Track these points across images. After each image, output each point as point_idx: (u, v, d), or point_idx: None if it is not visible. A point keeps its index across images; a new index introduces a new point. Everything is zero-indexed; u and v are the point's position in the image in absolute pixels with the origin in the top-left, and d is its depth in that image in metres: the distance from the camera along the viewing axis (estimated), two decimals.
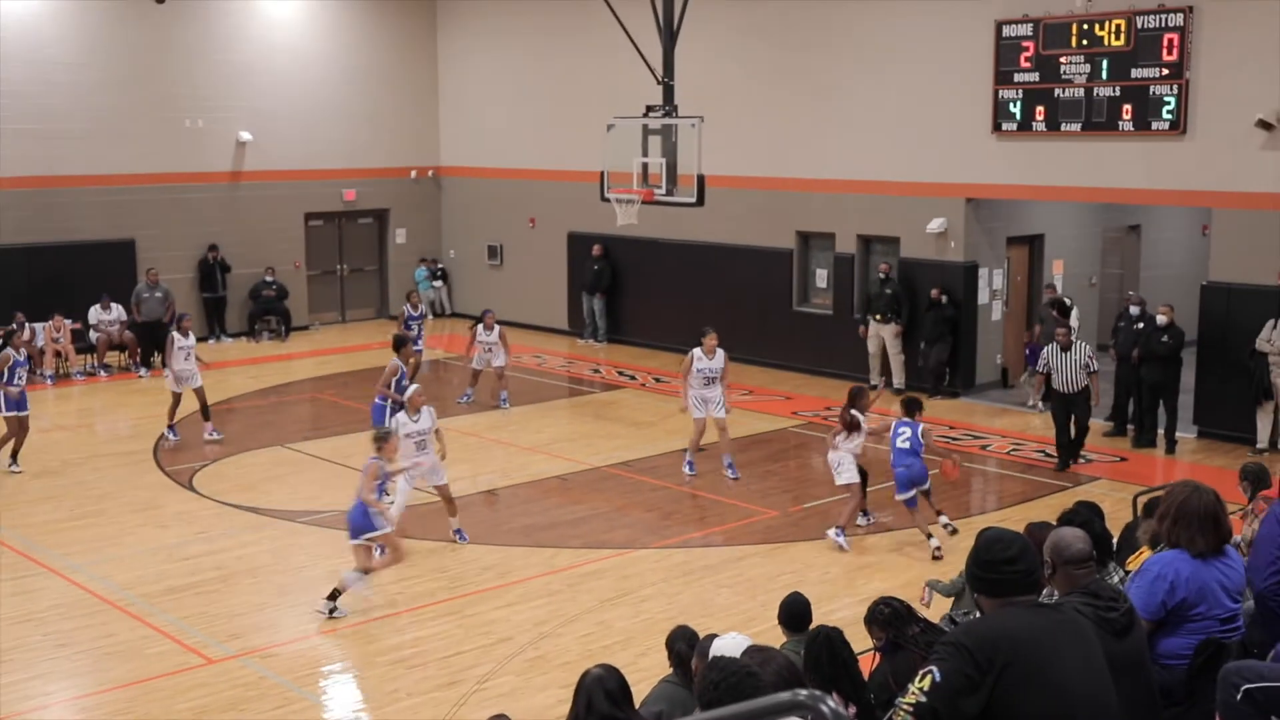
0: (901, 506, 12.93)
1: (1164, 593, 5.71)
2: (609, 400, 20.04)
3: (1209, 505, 5.87)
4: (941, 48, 19.02)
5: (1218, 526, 5.87)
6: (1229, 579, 5.87)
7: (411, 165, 27.35)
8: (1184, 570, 5.73)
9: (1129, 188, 17.67)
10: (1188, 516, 5.82)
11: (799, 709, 3.12)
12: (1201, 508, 5.84)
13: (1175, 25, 16.50)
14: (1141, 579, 5.86)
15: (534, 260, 25.84)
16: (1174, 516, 5.86)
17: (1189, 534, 5.79)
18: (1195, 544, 5.77)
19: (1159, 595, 5.72)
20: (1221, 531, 5.90)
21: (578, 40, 23.90)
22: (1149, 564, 5.90)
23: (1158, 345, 16.21)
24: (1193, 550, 5.77)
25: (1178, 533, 5.82)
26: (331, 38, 25.97)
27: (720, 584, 11.91)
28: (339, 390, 20.60)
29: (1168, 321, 16.25)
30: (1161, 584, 5.73)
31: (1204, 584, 5.73)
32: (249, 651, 10.40)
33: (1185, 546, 5.77)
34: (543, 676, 9.82)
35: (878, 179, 19.99)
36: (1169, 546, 5.85)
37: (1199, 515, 5.82)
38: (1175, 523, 5.84)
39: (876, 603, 6.89)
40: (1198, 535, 5.78)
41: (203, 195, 24.50)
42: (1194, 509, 5.83)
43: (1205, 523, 5.81)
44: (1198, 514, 5.82)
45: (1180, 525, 5.82)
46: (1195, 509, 5.83)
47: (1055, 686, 4.22)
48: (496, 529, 13.70)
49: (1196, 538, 5.78)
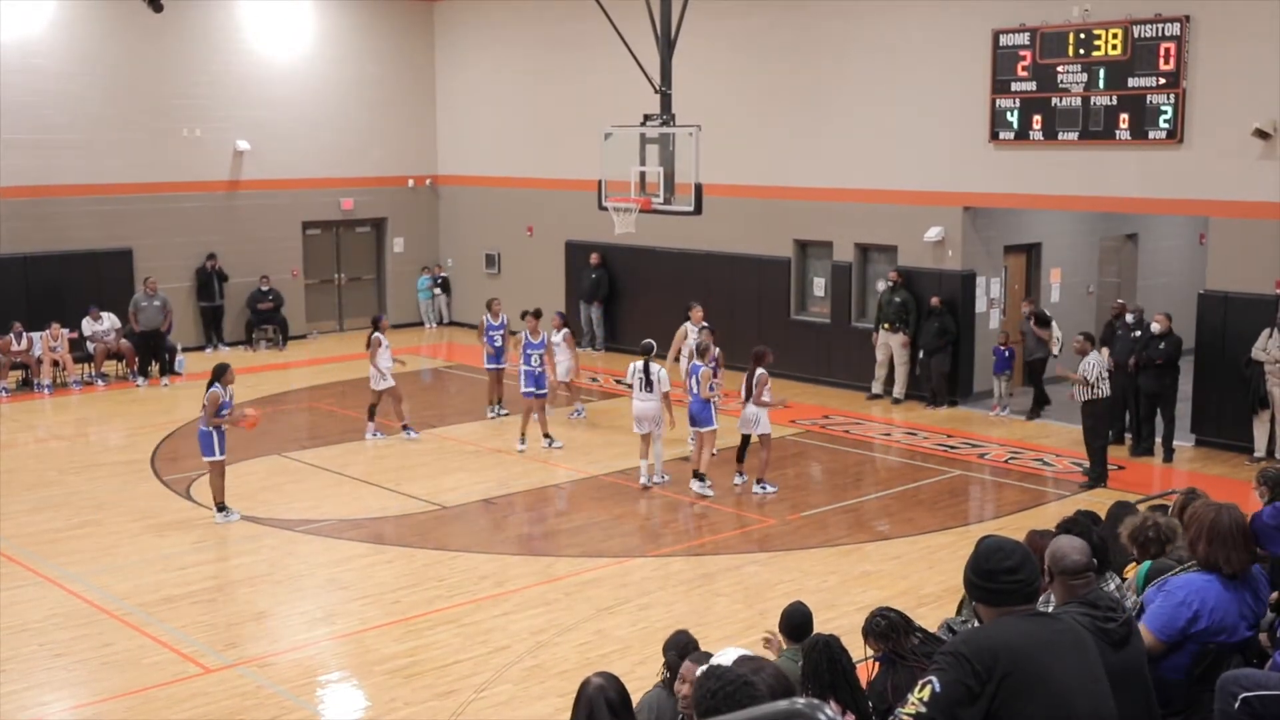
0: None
1: (1186, 620, 5.69)
2: (606, 408, 20.03)
3: (1239, 522, 5.85)
4: (939, 57, 19.05)
5: (1248, 542, 5.86)
6: (1254, 608, 5.84)
7: (409, 174, 27.36)
8: (1210, 599, 5.69)
9: (1126, 196, 17.70)
10: (1222, 535, 5.77)
11: (797, 717, 3.12)
12: (1232, 524, 5.82)
13: (1172, 35, 16.54)
14: (1165, 601, 5.80)
15: (532, 269, 25.84)
16: (1207, 537, 5.81)
17: (1225, 553, 5.75)
18: (1231, 563, 5.75)
19: (1180, 621, 5.69)
20: (1251, 547, 5.90)
21: (575, 49, 23.93)
22: (1175, 586, 5.83)
23: (1155, 353, 16.22)
24: (1228, 570, 5.73)
25: (1214, 553, 5.77)
26: (329, 47, 26.01)
27: (718, 592, 11.90)
28: (336, 400, 20.59)
29: (1164, 330, 16.26)
30: (1185, 610, 5.70)
31: (1227, 614, 5.70)
32: (246, 660, 10.39)
33: (1222, 566, 5.74)
34: (540, 685, 9.81)
35: (875, 188, 20.01)
36: (1203, 568, 5.81)
37: (1231, 533, 5.79)
38: (1210, 543, 5.79)
39: (873, 614, 6.88)
40: (1233, 553, 5.76)
41: (200, 205, 24.51)
42: (1225, 527, 5.80)
43: (1237, 540, 5.79)
44: (1230, 532, 5.79)
45: (1216, 545, 5.77)
46: (1227, 527, 5.80)
47: (1055, 697, 4.22)
48: (494, 538, 13.70)
49: (1232, 555, 5.75)
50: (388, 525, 14.07)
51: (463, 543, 13.51)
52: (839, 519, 14.35)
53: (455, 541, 13.60)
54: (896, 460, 16.93)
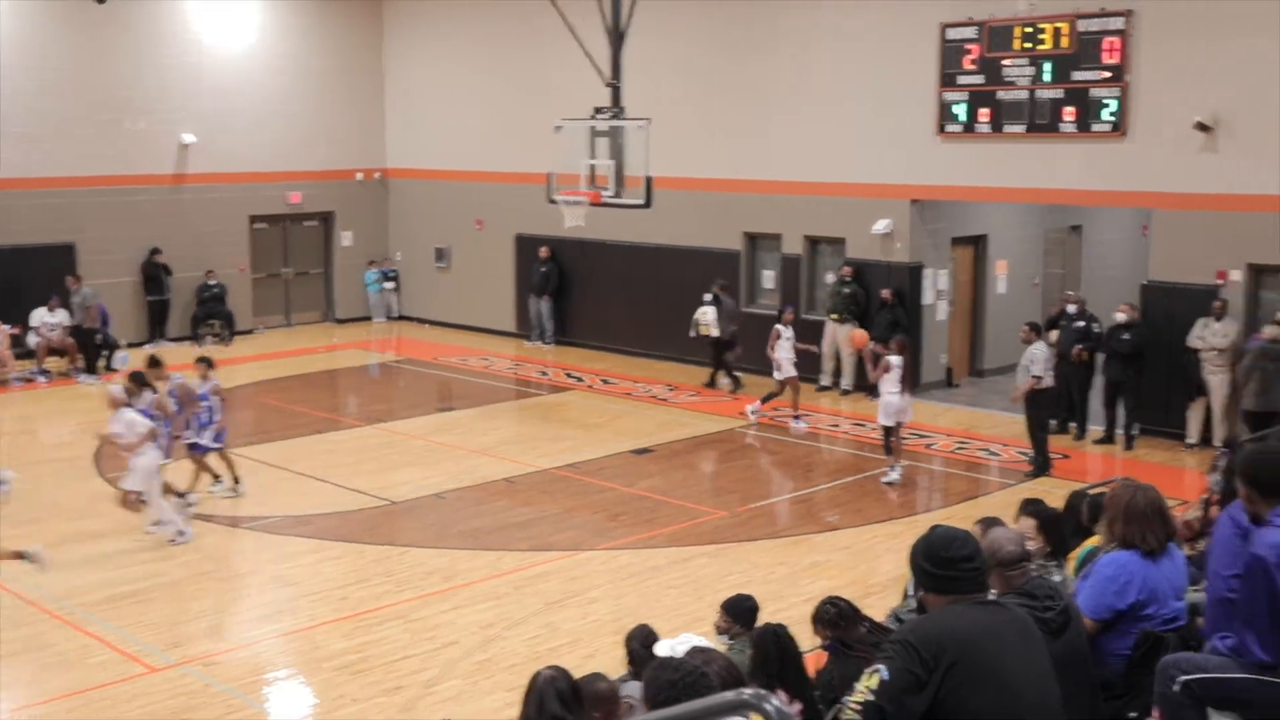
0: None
1: (1114, 595, 5.78)
2: (556, 402, 19.99)
3: (1154, 501, 5.99)
4: (888, 50, 19.14)
5: (1165, 521, 5.98)
6: (1175, 580, 5.96)
7: (358, 167, 27.14)
8: (1137, 573, 5.80)
9: (1071, 189, 17.87)
10: (1137, 515, 5.90)
11: (744, 707, 3.13)
12: (1147, 504, 5.95)
13: (1116, 29, 16.72)
14: (1092, 580, 5.92)
15: (481, 262, 25.73)
16: (1124, 518, 5.93)
17: (1141, 531, 5.87)
18: (1148, 541, 5.86)
19: (1108, 597, 5.79)
20: (1169, 525, 6.02)
21: (525, 42, 23.83)
22: (1101, 565, 5.96)
23: (1119, 343, 16.41)
24: (1145, 547, 5.84)
25: (1130, 532, 5.88)
26: (276, 40, 25.73)
27: (667, 585, 11.90)
28: (283, 394, 20.40)
29: (1128, 319, 16.44)
30: (1113, 585, 5.80)
31: (1155, 586, 5.81)
32: (192, 659, 10.26)
33: (1138, 544, 5.84)
34: (490, 680, 9.77)
35: (824, 180, 20.08)
36: (1121, 547, 5.91)
37: (1146, 512, 5.92)
38: (1127, 523, 5.91)
39: (823, 603, 6.92)
40: (1149, 532, 5.87)
41: (144, 198, 24.18)
42: (1141, 507, 5.93)
43: (1154, 519, 5.92)
44: (1145, 511, 5.92)
45: (1132, 524, 5.89)
46: (1142, 506, 5.93)
47: (1001, 684, 4.24)
48: (443, 532, 13.62)
49: (1148, 534, 5.87)
50: (336, 521, 13.95)
51: (411, 538, 13.44)
52: (788, 510, 14.41)
53: (404, 536, 13.53)
54: (845, 451, 17.01)
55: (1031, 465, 15.45)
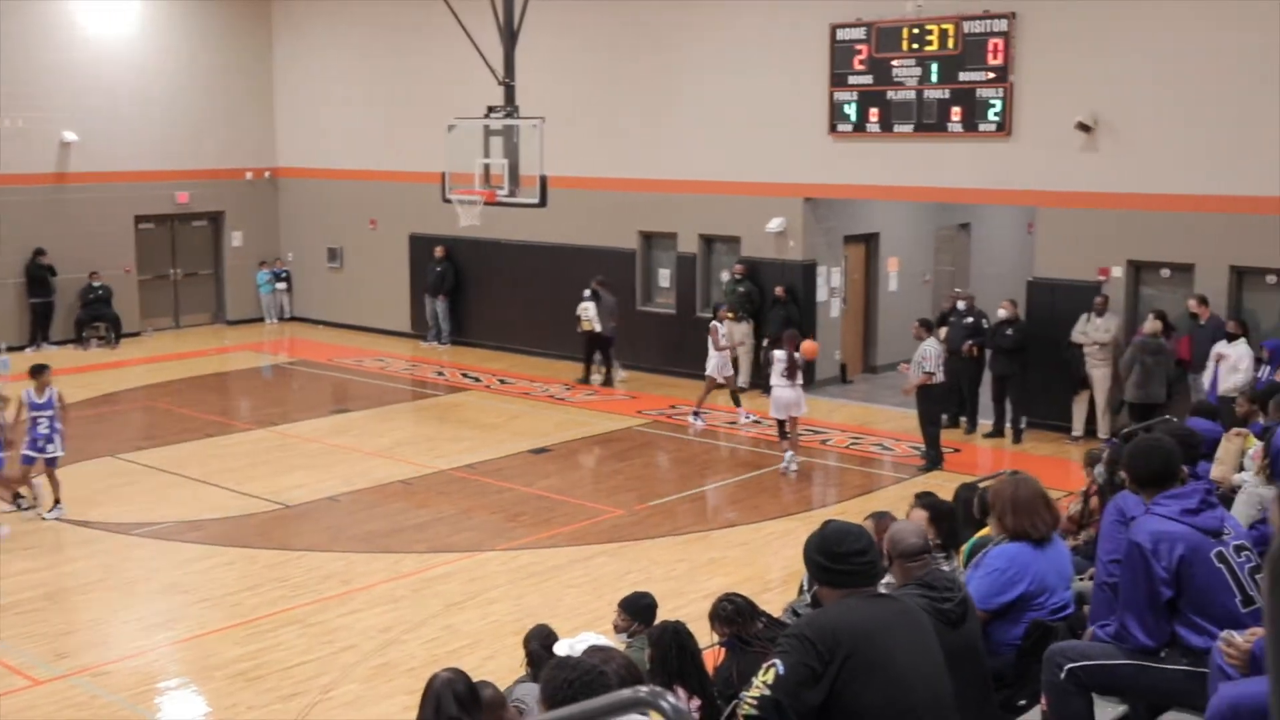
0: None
1: (1003, 585, 5.92)
2: (453, 403, 19.87)
3: (1036, 490, 6.17)
4: (778, 51, 19.33)
5: (1049, 508, 6.15)
6: (1063, 569, 6.13)
7: (247, 166, 26.67)
8: (1028, 564, 5.95)
9: (959, 187, 18.24)
10: (1023, 506, 6.06)
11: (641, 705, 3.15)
12: (1031, 494, 6.12)
13: (1000, 30, 17.09)
14: (982, 571, 6.06)
15: (375, 262, 25.46)
16: (1011, 510, 6.08)
17: (1030, 520, 6.03)
18: (1037, 528, 6.03)
19: (999, 588, 5.92)
20: (1054, 512, 6.19)
21: (418, 40, 23.62)
22: (990, 557, 6.10)
23: (1003, 339, 16.78)
24: (1035, 535, 6.00)
25: (1019, 523, 6.04)
26: (162, 35, 25.15)
27: (567, 584, 11.91)
28: (173, 398, 19.98)
29: (1010, 315, 16.82)
30: (1002, 577, 5.93)
31: (1044, 577, 5.96)
32: (80, 670, 10.02)
33: (1029, 532, 6.00)
34: (388, 684, 9.69)
35: (718, 179, 20.23)
36: (1012, 539, 6.06)
37: (1032, 501, 6.09)
38: (1015, 515, 6.06)
39: (720, 599, 6.98)
40: (1037, 519, 6.04)
41: (25, 198, 23.48)
42: (1025, 498, 6.10)
43: (1039, 507, 6.08)
44: (1029, 501, 6.08)
45: (1020, 515, 6.04)
46: (1026, 497, 6.10)
47: (894, 676, 4.33)
48: (339, 535, 13.46)
49: (1037, 521, 6.03)
50: (229, 526, 13.71)
51: (307, 542, 13.26)
52: (686, 508, 14.50)
53: (299, 540, 13.35)
54: (741, 448, 17.17)
55: (924, 459, 15.74)
